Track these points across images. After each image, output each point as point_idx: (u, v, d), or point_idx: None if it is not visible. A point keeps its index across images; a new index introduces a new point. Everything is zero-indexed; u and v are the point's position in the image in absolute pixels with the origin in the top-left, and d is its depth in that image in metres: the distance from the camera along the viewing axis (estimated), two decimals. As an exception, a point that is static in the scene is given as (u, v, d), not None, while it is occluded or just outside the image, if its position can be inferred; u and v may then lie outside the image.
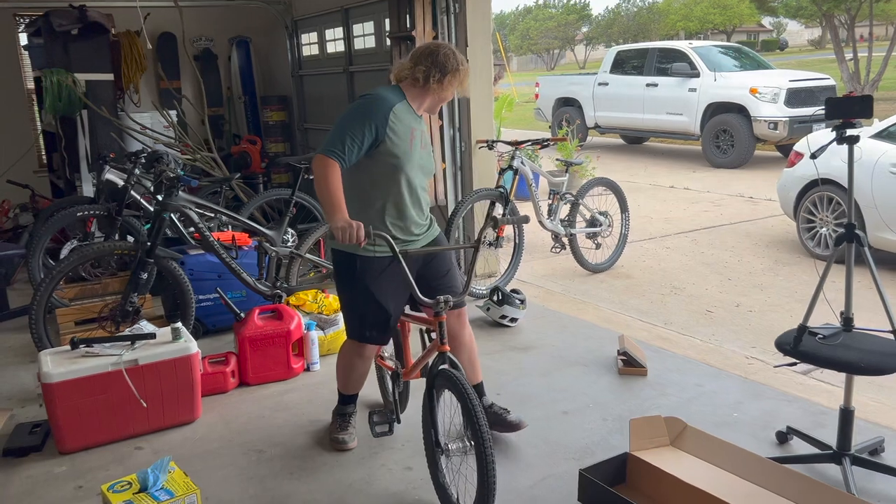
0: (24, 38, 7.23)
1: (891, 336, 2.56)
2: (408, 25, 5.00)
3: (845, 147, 2.64)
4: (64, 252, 5.16)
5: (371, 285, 2.74)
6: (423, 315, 2.82)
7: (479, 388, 3.08)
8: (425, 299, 2.55)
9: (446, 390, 2.53)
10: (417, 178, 2.76)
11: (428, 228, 2.90)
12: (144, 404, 3.16)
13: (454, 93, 2.84)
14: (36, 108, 7.37)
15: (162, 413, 3.25)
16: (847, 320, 2.68)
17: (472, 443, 2.39)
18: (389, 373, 3.18)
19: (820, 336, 2.65)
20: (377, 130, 2.62)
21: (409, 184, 2.73)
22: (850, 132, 2.56)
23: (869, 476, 2.70)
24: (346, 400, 3.14)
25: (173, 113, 6.41)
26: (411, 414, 3.14)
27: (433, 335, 2.85)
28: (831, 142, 2.62)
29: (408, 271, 2.54)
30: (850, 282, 2.67)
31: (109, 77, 6.13)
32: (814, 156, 2.70)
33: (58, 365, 3.05)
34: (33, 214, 6.47)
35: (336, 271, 2.84)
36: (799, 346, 2.64)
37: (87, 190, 5.91)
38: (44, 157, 7.51)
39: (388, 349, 3.16)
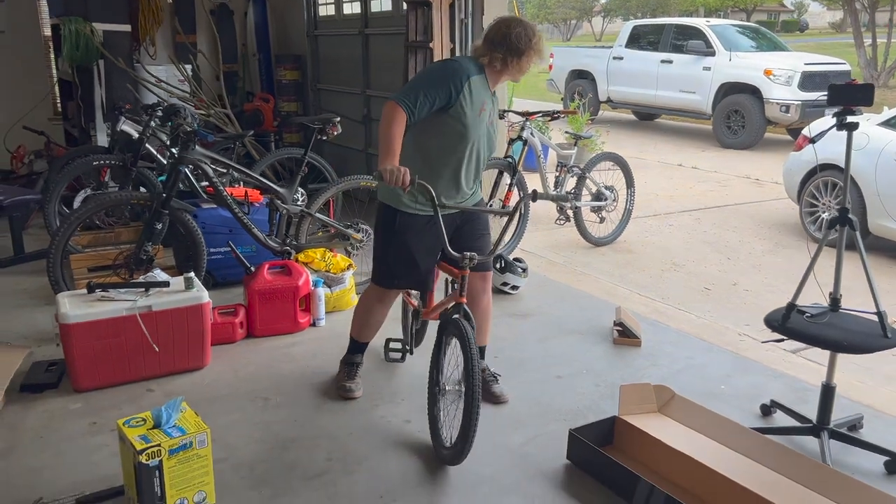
0: (42, -15, 7.26)
1: (875, 318, 2.67)
2: (425, -9, 5.02)
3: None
4: (78, 200, 5.27)
5: (408, 240, 2.90)
6: (452, 267, 2.95)
7: (480, 351, 3.21)
8: (453, 253, 2.69)
9: (454, 338, 2.68)
10: (480, 149, 2.87)
11: (471, 195, 3.02)
12: (157, 349, 3.29)
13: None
14: (52, 56, 7.42)
15: (173, 358, 3.38)
16: (834, 301, 2.79)
17: (463, 390, 2.54)
18: (412, 309, 3.36)
19: (807, 314, 2.76)
20: (451, 94, 2.71)
21: (469, 154, 2.84)
22: (850, 119, 2.63)
23: (845, 449, 2.83)
24: (356, 348, 3.28)
25: (188, 67, 6.46)
26: (416, 371, 3.28)
27: (456, 286, 2.99)
28: (831, 127, 2.70)
29: (442, 224, 2.66)
30: (840, 264, 2.76)
31: (127, 28, 6.19)
32: (812, 140, 2.78)
33: (75, 307, 3.18)
34: (47, 161, 6.57)
35: (377, 221, 3.01)
36: (787, 322, 2.75)
37: (102, 139, 6.00)
38: (59, 104, 7.58)
39: None
